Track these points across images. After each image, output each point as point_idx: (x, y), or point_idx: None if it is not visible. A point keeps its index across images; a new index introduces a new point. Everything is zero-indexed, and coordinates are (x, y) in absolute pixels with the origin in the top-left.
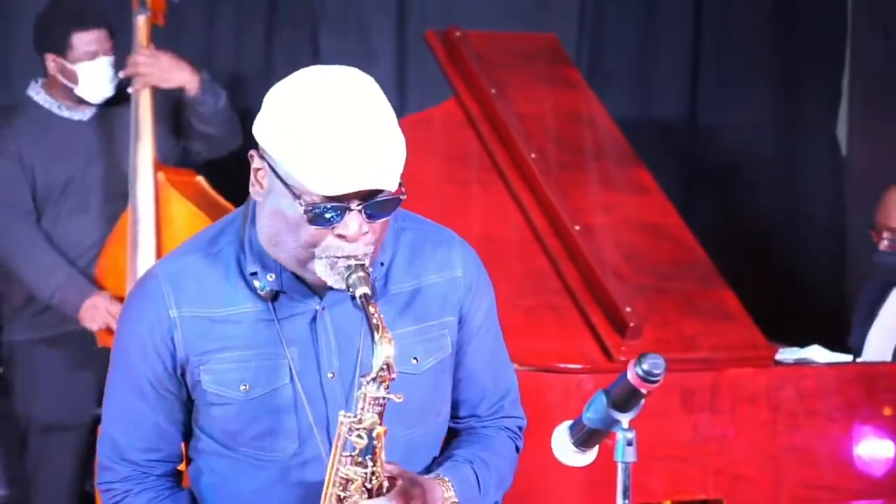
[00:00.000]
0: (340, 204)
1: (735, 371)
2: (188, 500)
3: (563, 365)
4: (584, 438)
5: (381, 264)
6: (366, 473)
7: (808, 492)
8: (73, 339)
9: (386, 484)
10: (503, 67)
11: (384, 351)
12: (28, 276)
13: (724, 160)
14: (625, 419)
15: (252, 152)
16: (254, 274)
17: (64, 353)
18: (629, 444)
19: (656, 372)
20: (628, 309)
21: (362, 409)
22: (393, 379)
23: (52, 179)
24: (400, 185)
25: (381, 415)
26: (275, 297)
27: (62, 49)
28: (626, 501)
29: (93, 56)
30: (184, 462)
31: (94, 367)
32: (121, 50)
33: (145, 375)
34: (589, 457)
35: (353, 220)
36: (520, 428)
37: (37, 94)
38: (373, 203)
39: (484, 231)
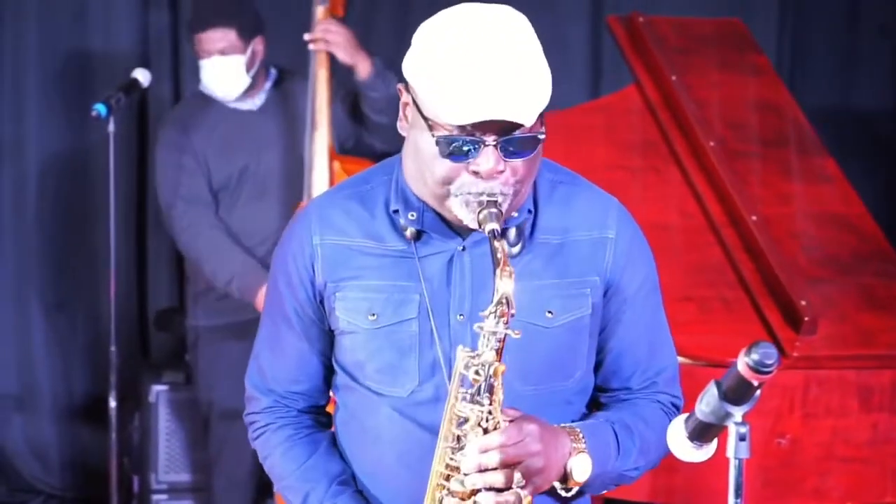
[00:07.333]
0: (474, 137)
1: None
2: (327, 442)
3: (733, 360)
4: (698, 432)
5: (529, 212)
6: (482, 412)
7: None
8: (254, 325)
9: (503, 425)
10: (686, 53)
11: (503, 285)
12: (207, 266)
13: None
14: (738, 413)
15: (400, 85)
16: (396, 212)
17: (245, 339)
18: (742, 439)
19: (768, 362)
20: (803, 303)
21: (482, 345)
22: (512, 315)
23: (226, 170)
24: (541, 123)
25: (499, 352)
26: (418, 236)
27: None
28: (739, 500)
29: (208, 55)
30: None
31: None
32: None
33: (290, 303)
34: (706, 452)
35: (488, 156)
36: (675, 406)
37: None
38: (509, 140)
39: (657, 220)
